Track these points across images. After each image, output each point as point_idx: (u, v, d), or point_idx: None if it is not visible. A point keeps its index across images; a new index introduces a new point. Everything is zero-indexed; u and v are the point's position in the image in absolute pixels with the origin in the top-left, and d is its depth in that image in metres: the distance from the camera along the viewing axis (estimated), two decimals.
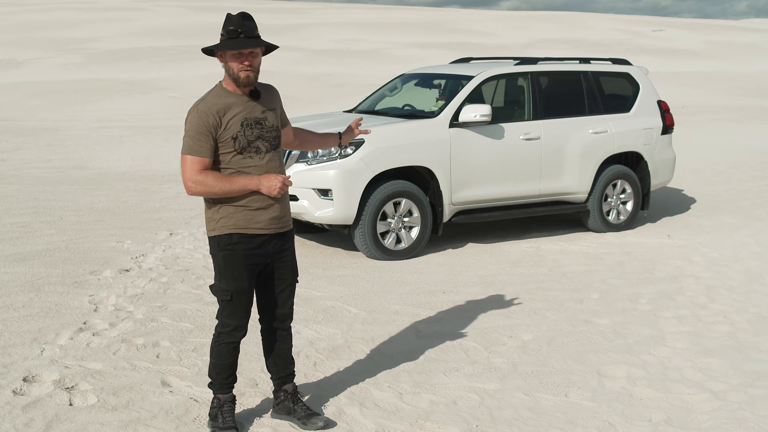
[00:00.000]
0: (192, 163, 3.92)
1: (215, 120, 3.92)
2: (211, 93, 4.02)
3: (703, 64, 39.08)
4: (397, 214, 8.03)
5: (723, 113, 22.69)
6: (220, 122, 3.93)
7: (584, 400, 4.80)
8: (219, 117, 3.92)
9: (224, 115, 3.94)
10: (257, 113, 4.04)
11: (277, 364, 4.41)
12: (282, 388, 4.43)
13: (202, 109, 3.93)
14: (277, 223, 4.12)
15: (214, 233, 4.08)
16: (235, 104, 3.98)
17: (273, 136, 4.09)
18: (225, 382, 4.26)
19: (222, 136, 3.93)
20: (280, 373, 4.43)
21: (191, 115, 3.95)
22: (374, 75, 29.35)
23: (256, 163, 4.01)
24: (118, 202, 10.30)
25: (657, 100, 9.77)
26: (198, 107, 3.95)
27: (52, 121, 19.01)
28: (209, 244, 4.17)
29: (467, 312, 6.37)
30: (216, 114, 3.92)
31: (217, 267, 4.13)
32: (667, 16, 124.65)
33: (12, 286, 6.67)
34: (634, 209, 9.48)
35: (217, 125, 3.92)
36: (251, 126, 4.00)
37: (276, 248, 4.16)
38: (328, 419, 4.39)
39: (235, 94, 4.00)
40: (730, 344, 5.77)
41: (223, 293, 4.11)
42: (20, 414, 4.38)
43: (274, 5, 69.37)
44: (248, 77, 3.96)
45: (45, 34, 43.23)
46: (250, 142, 3.99)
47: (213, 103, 3.95)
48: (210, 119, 3.91)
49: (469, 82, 8.58)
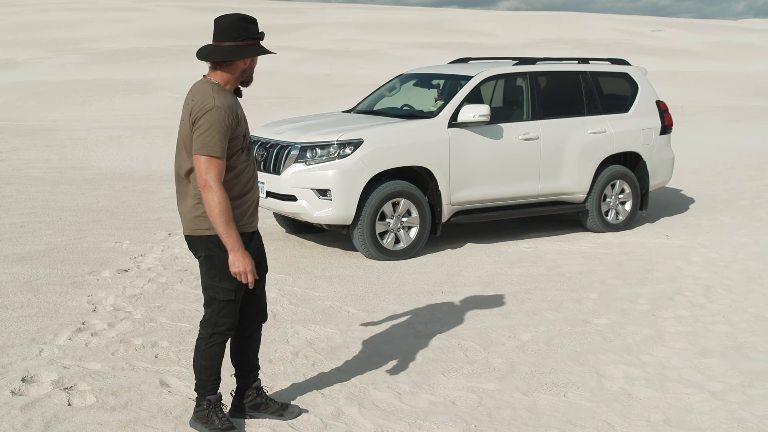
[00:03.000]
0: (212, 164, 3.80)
1: (233, 118, 3.90)
2: (216, 90, 3.93)
3: (702, 64, 39.11)
4: (395, 214, 8.03)
5: (722, 113, 22.70)
6: (237, 120, 3.93)
7: (583, 400, 4.80)
8: (235, 115, 3.92)
9: (237, 113, 3.95)
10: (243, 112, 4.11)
11: (248, 363, 4.39)
12: (252, 386, 4.42)
13: (221, 107, 3.84)
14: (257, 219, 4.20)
15: (212, 232, 3.96)
16: (235, 102, 4.02)
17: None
18: (215, 382, 4.23)
19: (235, 133, 3.93)
20: (251, 371, 4.40)
21: (211, 113, 3.82)
22: (373, 75, 29.36)
23: (249, 162, 4.07)
24: (116, 202, 10.29)
25: (656, 100, 9.77)
26: (217, 105, 3.84)
27: (51, 121, 19.00)
28: (201, 245, 4.03)
29: (466, 312, 6.37)
30: (233, 112, 3.91)
31: (215, 268, 4.02)
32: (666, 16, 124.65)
33: (11, 286, 6.67)
34: (632, 209, 9.48)
35: (235, 123, 3.92)
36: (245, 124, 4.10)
37: (258, 243, 4.21)
38: (298, 407, 4.49)
39: (230, 93, 4.01)
40: (728, 344, 5.78)
41: (227, 293, 4.04)
42: (19, 414, 4.38)
43: (273, 5, 69.36)
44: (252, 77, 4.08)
45: (44, 34, 43.23)
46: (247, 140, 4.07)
47: (226, 100, 3.91)
48: (229, 117, 3.87)
49: (467, 82, 8.58)
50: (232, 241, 3.85)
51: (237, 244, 3.85)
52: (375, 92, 9.85)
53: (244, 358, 4.39)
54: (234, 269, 3.89)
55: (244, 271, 3.88)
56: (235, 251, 3.86)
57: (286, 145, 7.98)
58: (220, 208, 3.80)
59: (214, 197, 3.79)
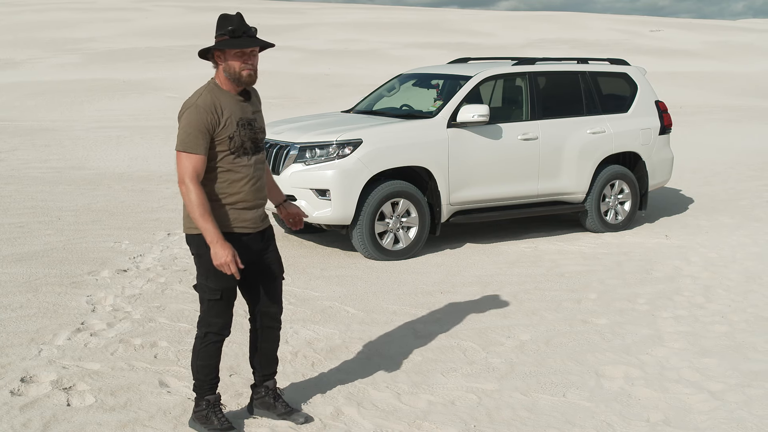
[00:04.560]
0: (188, 160, 3.88)
1: (214, 117, 3.91)
2: (207, 90, 3.99)
3: (701, 64, 39.11)
4: (395, 214, 8.03)
5: (721, 113, 22.71)
6: (219, 120, 3.93)
7: (582, 400, 4.80)
8: (218, 115, 3.92)
9: (222, 114, 3.94)
10: (248, 114, 4.07)
11: (261, 363, 4.42)
12: (263, 384, 4.44)
13: (201, 105, 3.91)
14: (260, 222, 4.16)
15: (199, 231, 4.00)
16: (231, 103, 3.99)
17: (260, 138, 4.13)
18: (213, 382, 4.25)
19: (219, 134, 3.93)
20: (264, 371, 4.43)
21: (189, 111, 3.91)
22: (372, 75, 29.36)
23: (245, 163, 4.03)
24: (115, 202, 10.29)
25: (655, 101, 9.78)
26: (197, 103, 3.92)
27: (50, 121, 18.99)
28: (192, 243, 4.08)
29: (465, 312, 6.37)
30: (214, 111, 3.92)
31: (203, 266, 4.06)
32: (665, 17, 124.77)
33: (9, 286, 6.66)
34: (632, 209, 9.48)
35: (216, 123, 3.92)
36: (244, 126, 4.02)
37: (261, 245, 4.19)
38: (307, 415, 4.44)
39: (229, 94, 4.01)
40: (727, 344, 5.78)
41: (213, 292, 4.08)
42: (18, 414, 4.37)
43: (272, 5, 69.35)
44: (251, 76, 3.98)
45: (43, 34, 43.21)
46: (243, 142, 4.01)
47: (211, 100, 3.94)
48: (209, 116, 3.90)
49: (467, 82, 8.58)
50: (210, 235, 3.88)
51: (215, 237, 3.87)
52: (374, 92, 9.85)
53: (252, 355, 4.44)
54: (216, 261, 3.89)
55: (226, 262, 3.87)
56: (213, 243, 3.88)
57: (285, 145, 7.99)
58: (195, 202, 3.86)
59: (189, 193, 3.86)
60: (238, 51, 3.92)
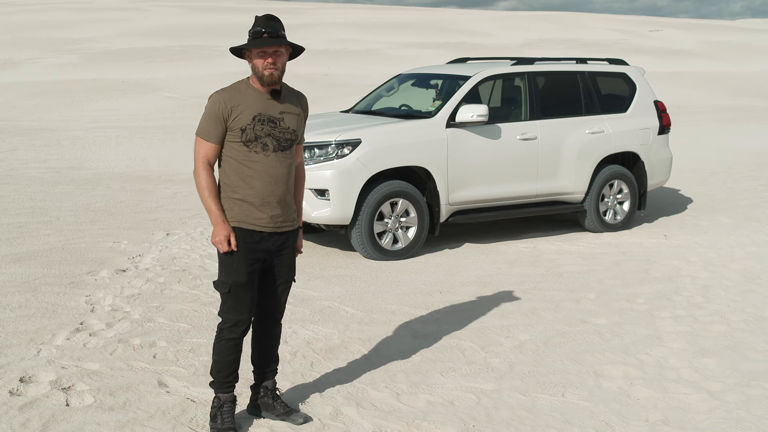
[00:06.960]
0: (200, 146, 4.12)
1: (226, 108, 4.09)
2: (235, 84, 4.19)
3: (700, 64, 39.13)
4: (393, 214, 8.03)
5: (719, 113, 22.72)
6: (231, 112, 4.09)
7: (581, 400, 4.80)
8: (230, 107, 4.09)
9: (236, 106, 4.10)
10: (274, 112, 4.16)
11: (260, 359, 4.47)
12: (262, 384, 4.47)
13: (217, 96, 4.12)
14: (276, 222, 4.19)
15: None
16: (253, 99, 4.12)
17: (285, 138, 4.17)
18: (225, 380, 4.28)
19: (232, 125, 4.10)
20: (263, 367, 4.47)
21: (210, 99, 4.14)
22: (371, 75, 29.36)
23: (260, 159, 4.11)
24: (114, 202, 10.29)
25: (654, 100, 9.78)
26: (217, 93, 4.14)
27: (49, 121, 18.97)
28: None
29: (464, 312, 6.37)
30: (227, 103, 4.10)
31: (219, 259, 4.22)
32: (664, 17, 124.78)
33: (8, 286, 6.66)
34: (630, 209, 9.49)
35: (228, 114, 4.09)
36: (263, 122, 4.11)
37: (276, 246, 4.24)
38: (306, 415, 4.45)
39: (257, 91, 4.15)
40: (726, 344, 5.78)
41: (223, 286, 4.19)
42: (17, 414, 4.37)
43: (271, 5, 69.33)
44: (272, 75, 4.09)
45: (41, 34, 43.17)
46: (258, 137, 4.09)
47: (231, 93, 4.14)
48: (221, 107, 4.09)
49: (466, 82, 8.58)
50: (212, 215, 4.11)
51: (218, 218, 4.10)
52: (373, 92, 9.85)
53: (253, 352, 4.49)
54: (212, 239, 4.12)
55: (219, 240, 4.09)
56: (214, 224, 4.12)
57: None
58: (202, 184, 4.11)
59: (198, 175, 4.12)
60: (260, 50, 4.07)
